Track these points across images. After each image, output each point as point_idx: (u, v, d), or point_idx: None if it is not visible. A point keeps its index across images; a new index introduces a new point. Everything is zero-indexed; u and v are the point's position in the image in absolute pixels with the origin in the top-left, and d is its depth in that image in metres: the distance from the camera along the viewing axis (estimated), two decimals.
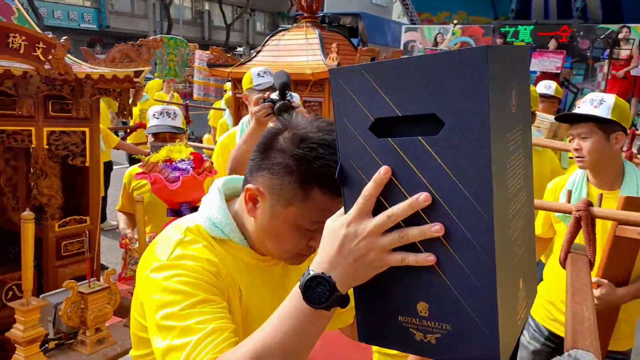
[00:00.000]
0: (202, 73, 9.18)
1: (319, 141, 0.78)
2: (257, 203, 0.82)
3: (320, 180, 0.77)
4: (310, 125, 0.81)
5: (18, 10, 1.71)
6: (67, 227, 1.82)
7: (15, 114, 1.58)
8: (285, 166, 0.78)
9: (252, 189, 0.81)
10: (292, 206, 0.79)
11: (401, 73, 0.63)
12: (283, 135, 0.81)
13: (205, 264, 0.79)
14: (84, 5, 23.45)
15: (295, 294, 0.66)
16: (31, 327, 1.27)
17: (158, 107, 2.53)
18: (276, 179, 0.79)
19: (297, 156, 0.78)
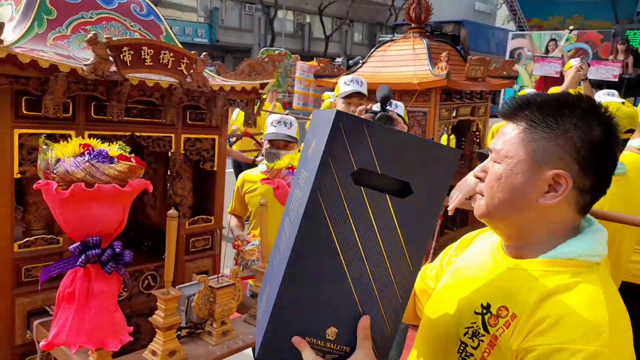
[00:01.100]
0: (302, 83, 9.47)
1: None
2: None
3: None
4: None
5: (166, 29, 1.90)
6: (195, 225, 1.98)
7: (159, 122, 1.76)
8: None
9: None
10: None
11: (395, 141, 0.77)
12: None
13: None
14: (198, 21, 25.25)
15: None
16: (170, 315, 1.40)
17: (277, 115, 2.68)
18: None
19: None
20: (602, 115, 0.90)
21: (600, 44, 10.87)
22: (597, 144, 0.87)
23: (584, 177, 0.88)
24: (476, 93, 4.29)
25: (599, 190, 0.91)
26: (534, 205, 0.90)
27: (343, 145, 0.76)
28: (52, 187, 1.19)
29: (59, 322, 1.26)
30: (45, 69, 1.44)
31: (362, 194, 0.77)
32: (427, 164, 0.77)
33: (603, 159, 0.89)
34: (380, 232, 0.78)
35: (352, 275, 0.78)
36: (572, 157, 0.87)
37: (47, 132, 1.56)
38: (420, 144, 0.77)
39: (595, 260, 0.90)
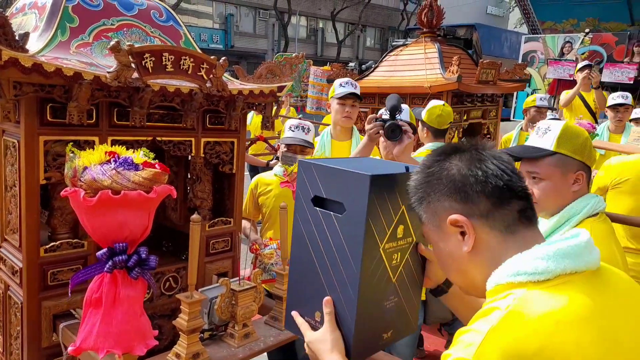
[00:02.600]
0: (315, 87, 9.51)
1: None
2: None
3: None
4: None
5: (185, 34, 1.93)
6: (215, 228, 2.00)
7: (180, 126, 1.79)
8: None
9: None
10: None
11: (330, 174, 1.04)
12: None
13: None
14: (213, 27, 25.53)
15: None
16: (193, 318, 1.41)
17: (295, 120, 2.72)
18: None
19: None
20: (455, 154, 0.94)
21: (615, 47, 10.74)
22: (457, 177, 0.91)
23: (472, 205, 0.90)
24: (487, 96, 4.28)
25: (506, 199, 0.90)
26: (464, 258, 0.93)
27: (304, 182, 1.09)
28: (79, 194, 1.22)
29: (86, 327, 1.29)
30: (69, 77, 1.47)
31: (318, 213, 1.06)
32: (349, 188, 1.01)
33: (471, 181, 0.90)
34: (332, 240, 1.04)
35: (322, 273, 1.07)
36: (450, 201, 0.92)
37: (71, 138, 1.59)
38: (345, 174, 1.02)
39: (520, 279, 0.84)
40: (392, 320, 1.13)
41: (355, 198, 1.00)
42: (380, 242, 1.04)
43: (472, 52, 15.87)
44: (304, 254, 1.10)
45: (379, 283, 1.06)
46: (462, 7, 28.43)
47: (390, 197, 1.04)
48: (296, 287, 1.14)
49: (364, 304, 1.03)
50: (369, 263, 1.02)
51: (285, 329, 1.18)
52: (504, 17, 33.26)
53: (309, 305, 1.10)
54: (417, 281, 1.19)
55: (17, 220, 1.63)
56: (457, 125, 3.94)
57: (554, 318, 0.77)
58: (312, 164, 1.08)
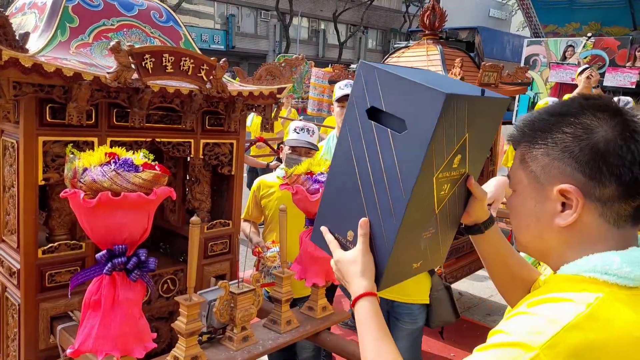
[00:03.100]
0: (316, 89, 9.52)
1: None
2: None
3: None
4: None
5: (184, 35, 1.93)
6: (213, 230, 1.99)
7: (179, 127, 1.78)
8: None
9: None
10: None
11: (397, 84, 0.91)
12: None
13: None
14: (214, 28, 25.57)
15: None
16: (192, 321, 1.40)
17: (300, 122, 2.71)
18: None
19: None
20: (605, 113, 0.81)
21: (618, 51, 10.72)
22: (600, 147, 0.78)
23: (597, 186, 0.79)
24: None
25: (635, 194, 0.79)
26: (552, 228, 0.84)
27: (361, 88, 0.96)
28: (79, 196, 1.21)
29: (85, 329, 1.27)
30: (69, 77, 1.46)
31: (372, 127, 0.95)
32: (417, 104, 0.88)
33: (614, 161, 0.78)
34: (383, 160, 0.94)
35: (364, 193, 0.98)
36: (574, 168, 0.80)
37: (70, 139, 1.58)
38: (414, 87, 0.89)
39: (606, 279, 0.77)
40: (425, 251, 1.06)
41: (422, 117, 0.87)
42: (435, 170, 0.93)
43: (474, 55, 15.90)
44: (347, 169, 0.99)
45: (423, 213, 0.97)
46: (465, 10, 28.45)
47: (459, 121, 0.91)
48: (331, 202, 1.05)
49: (404, 233, 0.95)
50: (419, 192, 0.91)
51: (311, 241, 1.11)
52: (506, 20, 33.27)
53: (341, 222, 1.02)
54: (457, 215, 1.10)
55: (15, 221, 1.62)
56: None
57: (638, 333, 0.73)
58: (376, 69, 0.94)
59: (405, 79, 0.90)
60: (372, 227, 0.98)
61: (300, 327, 1.74)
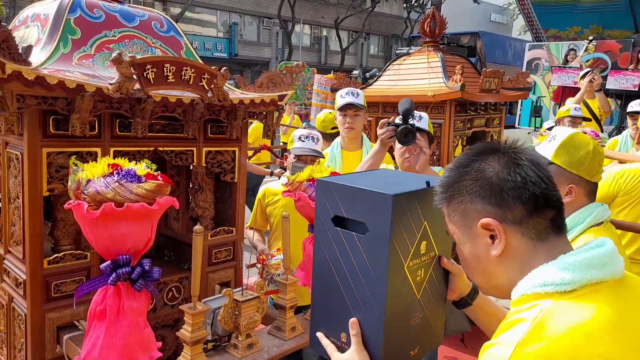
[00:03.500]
0: (319, 96, 9.54)
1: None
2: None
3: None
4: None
5: (185, 44, 1.94)
6: (217, 237, 1.99)
7: (182, 136, 1.79)
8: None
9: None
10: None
11: (350, 193, 1.02)
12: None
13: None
14: (217, 36, 25.74)
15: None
16: (197, 329, 1.41)
17: (305, 130, 2.72)
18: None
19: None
20: (489, 155, 0.93)
21: (620, 54, 10.71)
22: (494, 180, 0.89)
23: (507, 211, 0.89)
24: (491, 104, 4.28)
25: (541, 207, 0.89)
26: (492, 261, 0.92)
27: (323, 202, 1.07)
28: (83, 207, 1.22)
29: (90, 340, 1.28)
30: (72, 89, 1.48)
31: (339, 233, 1.05)
32: (371, 208, 0.99)
33: (509, 185, 0.88)
34: (355, 261, 1.02)
35: (346, 294, 1.05)
36: (483, 204, 0.90)
37: (73, 149, 1.59)
38: (366, 193, 1.00)
39: (546, 290, 0.84)
40: (418, 336, 1.12)
41: (377, 218, 0.98)
42: (404, 261, 1.02)
43: (476, 59, 15.90)
44: (327, 275, 1.08)
45: (404, 301, 1.05)
46: (466, 15, 28.52)
47: (413, 214, 1.02)
48: (320, 308, 1.12)
49: (390, 323, 1.02)
50: (394, 282, 1.00)
51: (310, 349, 1.19)
52: (507, 24, 33.32)
53: (333, 325, 1.09)
54: (441, 295, 1.18)
55: (20, 232, 1.63)
56: (461, 134, 3.94)
57: (582, 330, 0.77)
58: (330, 183, 1.06)
59: (357, 187, 1.01)
60: (361, 324, 1.04)
61: (304, 333, 1.73)
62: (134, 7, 1.94)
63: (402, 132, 1.99)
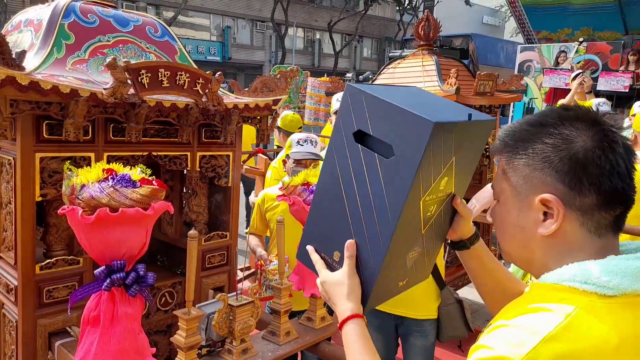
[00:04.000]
0: (312, 99, 9.54)
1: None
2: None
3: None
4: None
5: (180, 49, 1.94)
6: (211, 242, 1.99)
7: (176, 141, 1.79)
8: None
9: None
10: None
11: (384, 109, 0.90)
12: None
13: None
14: (211, 40, 25.71)
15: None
16: (191, 335, 1.40)
17: (302, 134, 2.71)
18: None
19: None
20: (583, 124, 0.82)
21: (610, 55, 10.79)
22: (580, 157, 0.79)
23: (577, 195, 0.80)
24: (485, 107, 4.31)
25: (614, 204, 0.81)
26: (536, 237, 0.85)
27: (348, 111, 0.95)
28: (77, 212, 1.22)
29: (84, 346, 1.28)
30: (66, 94, 1.48)
31: (359, 151, 0.94)
32: (405, 131, 0.88)
33: (593, 170, 0.79)
34: (370, 184, 0.93)
35: (351, 216, 0.98)
36: (554, 178, 0.81)
37: (67, 155, 1.59)
38: (402, 114, 0.88)
39: (585, 288, 0.77)
40: (411, 269, 1.07)
41: (410, 144, 0.87)
42: (422, 194, 0.93)
43: (469, 61, 15.97)
44: (334, 191, 0.98)
45: (409, 235, 0.98)
46: (458, 17, 28.66)
47: (446, 146, 0.91)
48: (317, 222, 1.04)
49: (390, 256, 0.95)
50: (406, 216, 0.92)
51: (297, 259, 1.10)
52: (499, 26, 33.51)
53: (328, 243, 1.02)
54: (442, 233, 1.11)
55: (12, 237, 1.62)
56: None
57: (614, 341, 0.74)
58: (363, 92, 0.93)
59: (393, 104, 0.89)
60: (358, 249, 0.98)
61: (299, 338, 1.74)
62: (128, 12, 1.94)
63: None
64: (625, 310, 0.76)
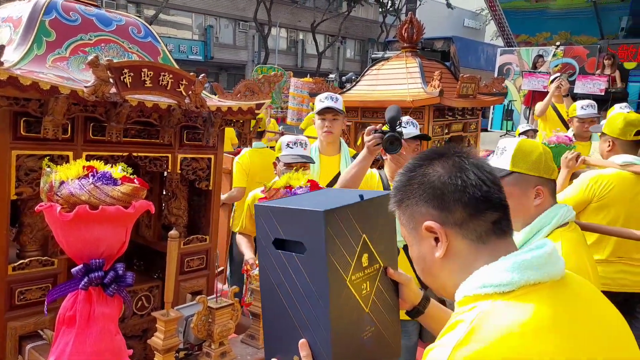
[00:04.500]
0: (295, 99, 9.54)
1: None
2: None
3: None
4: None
5: (163, 51, 1.93)
6: (190, 245, 1.98)
7: (157, 142, 1.78)
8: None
9: None
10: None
11: (286, 214, 1.04)
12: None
13: None
14: (193, 39, 25.46)
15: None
16: (169, 337, 1.40)
17: (292, 137, 2.69)
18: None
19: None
20: (435, 159, 0.95)
21: (587, 59, 11.06)
22: (436, 183, 0.92)
23: (448, 214, 0.91)
24: (467, 110, 4.36)
25: (483, 210, 0.91)
26: (437, 263, 0.95)
27: (263, 227, 1.08)
28: (55, 209, 1.20)
29: (59, 346, 1.26)
30: (46, 90, 1.45)
31: (280, 255, 1.05)
32: (305, 226, 1.01)
33: (450, 189, 0.91)
34: (297, 280, 1.03)
35: (293, 315, 1.05)
36: (427, 207, 0.93)
37: (45, 153, 1.56)
38: (300, 213, 1.02)
39: (486, 291, 0.86)
40: (372, 350, 1.13)
41: (312, 235, 1.00)
42: (345, 275, 1.03)
43: (450, 64, 16.12)
44: (274, 298, 1.09)
45: (351, 316, 1.06)
46: (440, 20, 28.92)
47: (349, 227, 1.04)
48: (271, 333, 1.13)
49: (339, 340, 1.02)
50: (337, 298, 1.02)
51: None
52: (480, 29, 33.92)
53: (285, 348, 1.09)
54: (392, 306, 1.18)
55: None
56: (439, 139, 4.02)
57: (519, 331, 0.79)
58: (268, 207, 1.08)
59: (291, 208, 1.04)
60: (310, 345, 1.04)
61: None
62: (112, 12, 1.92)
63: (388, 140, 1.97)
64: (525, 300, 0.83)
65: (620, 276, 2.72)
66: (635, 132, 2.80)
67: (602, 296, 0.96)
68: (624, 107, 4.65)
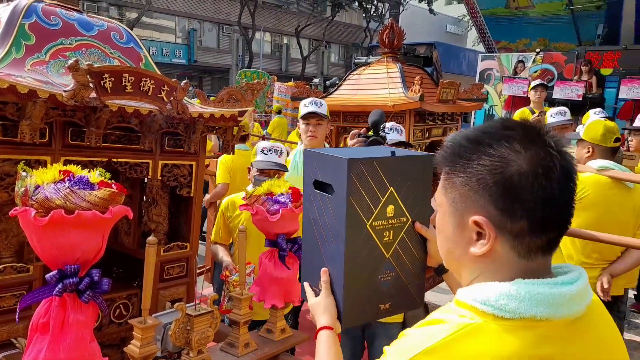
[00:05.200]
0: (279, 103, 9.56)
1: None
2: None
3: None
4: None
5: (145, 56, 1.92)
6: (170, 253, 1.96)
7: (138, 148, 1.76)
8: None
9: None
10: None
11: (322, 160, 1.19)
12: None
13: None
14: (176, 42, 25.27)
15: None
16: (146, 345, 1.38)
17: (267, 143, 2.70)
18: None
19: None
20: (523, 144, 0.79)
21: (565, 65, 11.29)
22: (514, 182, 0.77)
23: (509, 220, 0.78)
24: (447, 115, 4.41)
25: (547, 230, 0.80)
26: (468, 254, 0.84)
27: (307, 169, 1.25)
28: (30, 214, 1.18)
29: (31, 354, 1.23)
30: (23, 94, 1.43)
31: (317, 195, 1.20)
32: (334, 171, 1.14)
33: (526, 197, 0.77)
34: (326, 217, 1.17)
35: (322, 248, 1.21)
36: (487, 201, 0.79)
37: (21, 157, 1.54)
38: (330, 159, 1.15)
39: (484, 309, 0.78)
40: (390, 293, 1.22)
41: (338, 179, 1.12)
42: (366, 219, 1.13)
43: (432, 69, 16.28)
44: (310, 230, 1.25)
45: (368, 257, 1.16)
46: (422, 26, 29.19)
47: (374, 178, 1.13)
48: (307, 261, 1.30)
49: (351, 276, 1.15)
50: (353, 239, 1.13)
51: (301, 297, 1.34)
52: (462, 35, 34.29)
53: (315, 275, 1.24)
54: (417, 258, 1.25)
55: None
56: (420, 143, 4.06)
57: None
58: (312, 152, 1.23)
59: (326, 154, 1.18)
60: (330, 274, 1.20)
61: (258, 349, 1.73)
62: (94, 17, 1.90)
63: (371, 144, 2.00)
64: (515, 333, 0.75)
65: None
66: (615, 139, 2.87)
67: (619, 337, 0.87)
68: (598, 112, 4.76)
